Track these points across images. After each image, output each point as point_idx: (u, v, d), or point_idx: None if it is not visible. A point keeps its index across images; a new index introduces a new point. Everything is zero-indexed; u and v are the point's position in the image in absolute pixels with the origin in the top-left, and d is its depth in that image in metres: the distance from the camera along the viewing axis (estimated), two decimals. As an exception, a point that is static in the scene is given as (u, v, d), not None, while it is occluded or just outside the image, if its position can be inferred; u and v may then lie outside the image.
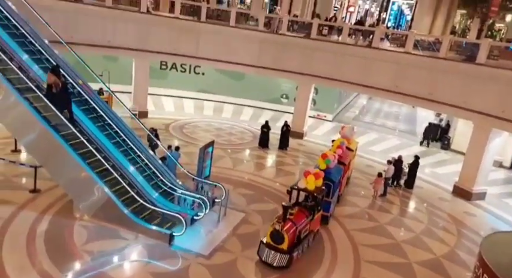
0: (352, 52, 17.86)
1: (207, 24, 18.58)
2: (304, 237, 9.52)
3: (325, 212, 10.89)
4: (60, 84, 9.66)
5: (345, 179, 13.24)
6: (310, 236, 9.87)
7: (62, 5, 15.68)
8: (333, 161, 11.22)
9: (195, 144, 15.78)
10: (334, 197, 11.40)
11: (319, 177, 9.98)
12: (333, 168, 11.31)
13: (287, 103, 23.87)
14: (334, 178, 11.01)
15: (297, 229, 9.19)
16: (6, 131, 11.60)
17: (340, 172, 11.75)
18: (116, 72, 19.08)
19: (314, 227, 10.09)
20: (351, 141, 14.17)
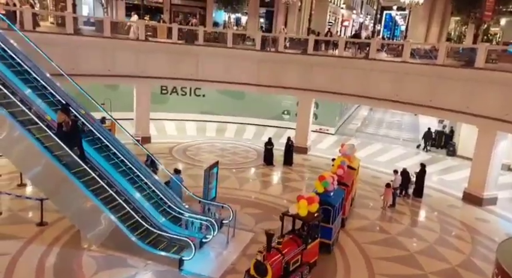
0: (350, 65, 18.05)
1: (205, 47, 18.92)
2: (295, 269, 8.66)
3: (326, 240, 9.97)
4: (70, 122, 9.81)
5: (349, 201, 12.18)
6: (304, 269, 8.95)
7: (62, 39, 16.06)
8: (332, 183, 10.34)
9: (200, 166, 15.77)
10: (336, 222, 10.41)
11: (313, 202, 9.14)
12: (333, 190, 10.46)
13: (289, 119, 23.95)
14: (334, 202, 10.04)
15: (284, 259, 8.36)
16: (12, 166, 11.75)
17: (342, 195, 10.85)
18: (118, 99, 19.32)
19: (309, 258, 9.14)
20: (352, 158, 13.30)
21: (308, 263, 9.10)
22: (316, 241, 9.38)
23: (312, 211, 9.08)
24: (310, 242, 9.05)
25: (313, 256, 9.35)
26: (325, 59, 18.96)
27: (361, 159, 14.86)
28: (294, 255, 8.63)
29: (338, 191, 10.76)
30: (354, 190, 13.21)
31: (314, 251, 9.37)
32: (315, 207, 9.16)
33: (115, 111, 17.05)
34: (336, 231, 10.67)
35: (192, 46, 18.98)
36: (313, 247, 9.26)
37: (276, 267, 8.18)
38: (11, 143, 9.82)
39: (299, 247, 8.79)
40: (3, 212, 10.95)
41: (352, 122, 29.36)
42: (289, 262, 8.49)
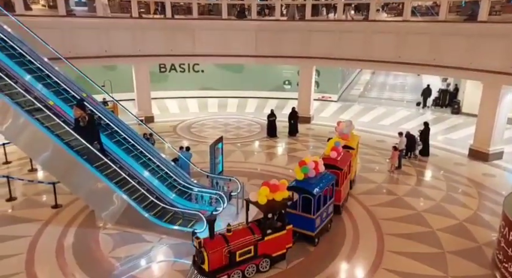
0: (349, 28, 17.62)
1: (200, 21, 18.53)
2: (245, 260, 7.91)
3: (308, 232, 9.01)
4: (86, 117, 9.85)
5: (345, 185, 10.81)
6: (261, 261, 8.11)
7: (55, 21, 15.80)
8: (314, 168, 9.16)
9: (205, 142, 15.87)
10: (320, 212, 9.10)
11: (278, 190, 8.13)
12: (317, 176, 9.26)
13: (290, 89, 23.75)
14: (315, 191, 8.75)
15: (228, 249, 7.70)
16: (21, 152, 11.95)
17: (330, 181, 9.44)
18: (117, 80, 19.23)
19: (269, 250, 8.18)
20: (349, 137, 12.03)
21: (268, 255, 8.20)
22: (282, 233, 8.29)
23: (276, 199, 8.11)
24: (269, 233, 8.12)
25: (276, 248, 8.29)
26: (324, 24, 18.50)
27: (360, 136, 13.48)
28: (243, 245, 7.85)
29: (325, 177, 9.43)
30: (352, 171, 11.83)
31: (278, 243, 8.29)
32: (280, 195, 8.15)
33: (116, 92, 17.03)
34: (325, 221, 9.47)
35: (187, 21, 18.58)
36: (276, 239, 8.23)
37: (216, 255, 7.58)
38: (18, 130, 9.91)
39: (252, 237, 7.96)
40: (17, 197, 11.24)
41: (355, 88, 29.06)
42: (234, 251, 7.75)
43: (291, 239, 8.57)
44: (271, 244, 8.21)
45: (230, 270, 7.77)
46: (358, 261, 8.83)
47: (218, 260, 7.65)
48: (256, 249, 8.04)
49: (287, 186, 8.52)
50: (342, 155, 10.64)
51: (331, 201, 9.74)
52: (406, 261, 8.81)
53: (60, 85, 11.46)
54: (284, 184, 8.38)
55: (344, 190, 10.69)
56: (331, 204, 9.84)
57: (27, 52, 11.49)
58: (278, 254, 8.39)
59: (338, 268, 8.59)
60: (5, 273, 7.99)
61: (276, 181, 8.35)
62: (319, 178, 9.26)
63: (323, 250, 9.18)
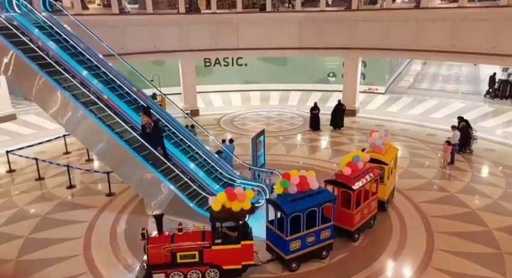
0: (399, 17, 16.80)
1: (244, 14, 18.63)
2: (188, 264, 7.59)
3: (280, 252, 8.10)
4: (152, 123, 10.33)
5: (361, 210, 8.92)
6: (207, 270, 7.64)
7: (109, 19, 16.69)
8: (295, 184, 7.99)
9: (247, 135, 16.01)
10: (303, 235, 7.96)
11: (235, 199, 7.49)
12: (309, 193, 8.07)
13: (335, 81, 23.21)
14: (288, 209, 7.69)
15: (170, 248, 7.52)
16: (79, 143, 12.84)
17: (321, 201, 8.02)
18: (165, 75, 19.94)
19: (219, 261, 7.65)
20: (382, 151, 10.11)
21: (217, 266, 7.66)
22: (235, 246, 7.65)
23: (233, 209, 7.54)
24: (218, 243, 7.63)
25: (228, 261, 7.68)
26: (371, 13, 17.79)
27: (399, 149, 11.64)
28: (187, 249, 7.57)
29: (319, 195, 8.14)
30: (384, 191, 9.94)
31: (231, 256, 7.66)
32: (237, 206, 7.53)
33: (163, 86, 17.67)
34: (312, 246, 8.16)
35: (231, 15, 18.77)
36: (227, 251, 7.62)
37: (155, 251, 7.49)
38: (76, 123, 10.60)
39: (199, 243, 7.60)
40: (76, 185, 12.09)
41: (404, 79, 27.76)
42: (175, 252, 7.54)
43: (251, 257, 7.80)
44: (221, 255, 7.64)
45: (170, 269, 7.58)
46: (406, 259, 8.48)
47: (157, 256, 7.53)
48: (201, 256, 7.63)
49: (266, 198, 8.26)
50: (362, 172, 8.98)
51: (327, 225, 8.23)
52: (458, 261, 8.33)
53: (114, 80, 12.09)
54: (244, 195, 7.60)
55: (359, 215, 8.92)
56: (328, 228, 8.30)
57: (84, 49, 12.24)
58: (230, 268, 7.71)
59: (383, 265, 8.32)
60: (65, 255, 8.66)
61: (241, 190, 7.73)
62: (307, 195, 8.00)
63: (368, 246, 8.93)
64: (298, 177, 8.01)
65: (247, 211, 7.68)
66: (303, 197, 7.97)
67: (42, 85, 10.49)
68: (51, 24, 12.35)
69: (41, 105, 11.16)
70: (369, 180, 8.99)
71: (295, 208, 7.75)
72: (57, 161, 13.10)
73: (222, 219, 7.62)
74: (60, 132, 14.22)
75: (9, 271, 8.15)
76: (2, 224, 9.94)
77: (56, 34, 12.22)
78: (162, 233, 7.72)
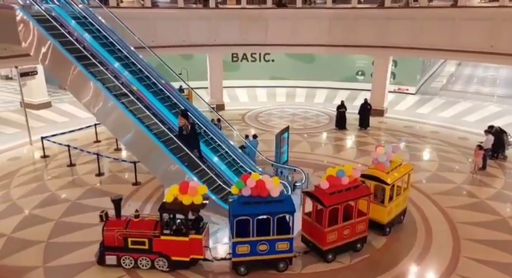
0: (433, 15, 16.25)
1: (273, 10, 18.56)
2: (138, 250, 7.82)
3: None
4: (189, 126, 10.54)
5: (338, 230, 8.13)
6: (156, 258, 7.83)
7: (142, 13, 17.09)
8: (251, 187, 7.67)
9: (271, 131, 15.98)
10: (258, 240, 7.69)
11: (185, 192, 7.54)
12: (270, 198, 7.66)
13: (363, 80, 22.77)
14: (235, 211, 7.62)
15: (123, 233, 7.77)
16: (109, 133, 13.24)
17: (278, 210, 7.60)
18: (193, 69, 20.21)
19: (168, 251, 7.78)
20: (385, 168, 8.88)
21: (166, 256, 7.82)
22: (183, 238, 7.73)
23: (184, 202, 7.59)
24: (166, 234, 7.76)
25: (176, 252, 7.78)
26: (405, 11, 17.27)
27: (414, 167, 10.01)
28: (138, 235, 7.79)
29: (279, 203, 7.72)
30: (385, 215, 8.89)
31: (179, 248, 7.78)
32: (188, 199, 7.57)
33: (191, 80, 17.92)
34: (263, 254, 7.78)
35: (261, 10, 18.74)
36: (175, 242, 7.73)
37: (109, 234, 7.82)
38: (106, 112, 10.94)
39: (149, 232, 7.77)
40: (105, 173, 12.51)
41: (436, 79, 26.86)
42: (127, 237, 7.79)
43: (200, 251, 7.85)
44: (170, 245, 7.76)
45: (121, 253, 7.89)
46: (430, 264, 8.24)
47: (111, 239, 7.87)
48: (151, 244, 7.81)
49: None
50: (345, 188, 8.16)
51: (284, 236, 7.76)
52: (485, 270, 8.02)
53: (143, 72, 12.38)
54: (195, 190, 7.56)
55: (335, 234, 8.12)
56: (286, 241, 7.82)
57: (117, 41, 12.58)
58: (179, 259, 7.82)
59: (406, 269, 8.12)
60: (91, 239, 8.95)
61: (195, 184, 7.79)
62: (264, 202, 7.65)
63: (390, 250, 8.74)
64: (255, 181, 7.68)
65: (199, 205, 7.74)
66: (259, 202, 7.67)
67: (77, 75, 10.88)
68: (87, 15, 12.77)
69: (74, 94, 11.59)
70: (351, 198, 8.11)
71: (243, 212, 7.56)
72: (88, 149, 13.59)
73: (170, 211, 7.75)
74: (91, 121, 14.72)
75: (41, 253, 8.54)
76: (35, 207, 10.43)
77: (90, 25, 12.63)
78: (120, 218, 8.04)
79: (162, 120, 11.33)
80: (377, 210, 8.82)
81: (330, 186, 8.10)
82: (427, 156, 14.28)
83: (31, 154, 13.98)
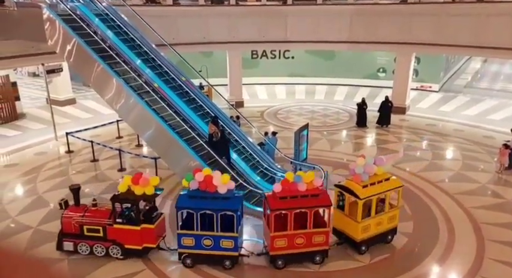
0: (458, 11, 15.78)
1: (293, 6, 18.45)
2: (93, 237, 8.10)
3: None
4: (219, 133, 10.67)
5: (287, 237, 7.79)
6: (113, 248, 8.08)
7: (163, 10, 17.31)
8: (199, 181, 7.73)
9: (290, 128, 15.92)
10: (204, 234, 7.78)
11: (137, 183, 7.75)
12: (220, 195, 7.67)
13: (385, 77, 22.36)
14: (180, 204, 7.73)
15: (79, 221, 8.11)
16: (130, 129, 13.51)
17: (222, 207, 7.59)
18: (213, 66, 20.33)
19: (121, 239, 8.03)
20: (360, 180, 8.06)
21: (119, 244, 8.09)
22: (134, 227, 7.97)
23: (136, 192, 7.78)
24: (119, 222, 8.04)
25: (129, 241, 8.04)
26: (429, 7, 16.83)
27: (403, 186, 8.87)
28: (93, 223, 8.10)
29: (218, 200, 7.69)
30: (359, 231, 8.11)
31: (132, 236, 8.00)
32: (140, 190, 7.77)
33: (211, 77, 18.05)
34: (208, 249, 7.82)
35: (280, 7, 18.67)
36: (128, 231, 7.97)
37: (66, 221, 8.21)
38: (128, 109, 11.18)
39: (104, 220, 8.07)
40: (126, 168, 12.78)
41: (461, 77, 26.11)
42: (82, 224, 8.12)
43: (152, 240, 8.07)
44: (123, 234, 8.02)
45: (77, 240, 8.19)
46: (452, 265, 8.07)
47: (68, 226, 8.20)
48: (105, 232, 8.11)
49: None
50: (302, 195, 7.72)
51: (229, 234, 7.71)
52: (511, 272, 7.77)
53: (164, 69, 12.56)
54: (147, 181, 7.78)
55: (285, 241, 7.79)
56: (231, 239, 7.77)
57: (139, 38, 12.80)
58: (132, 247, 8.06)
59: (427, 269, 7.97)
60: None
61: (147, 176, 8.04)
62: (211, 197, 7.69)
63: (411, 250, 8.59)
64: (203, 176, 7.73)
65: (151, 196, 7.99)
66: (205, 197, 7.73)
67: (100, 73, 11.14)
68: (110, 13, 13.04)
69: (97, 91, 11.88)
70: (306, 206, 7.66)
71: (186, 205, 7.72)
72: (110, 145, 13.89)
73: (121, 200, 8.01)
74: (113, 118, 15.06)
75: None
76: (61, 201, 10.76)
77: (113, 23, 12.89)
78: (79, 206, 8.38)
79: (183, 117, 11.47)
80: (350, 225, 8.23)
81: (283, 190, 7.78)
82: (450, 154, 13.93)
83: (56, 150, 14.44)
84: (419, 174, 12.09)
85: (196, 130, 11.48)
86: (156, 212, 8.43)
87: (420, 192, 10.99)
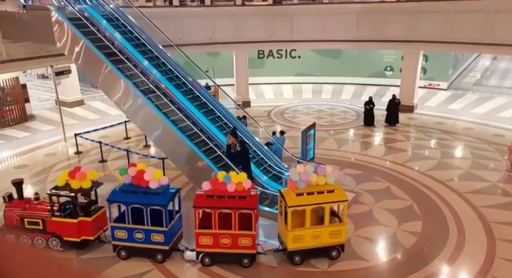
0: (466, 8, 15.57)
1: (299, 6, 18.41)
2: (33, 230, 8.39)
3: None
4: (237, 144, 10.64)
5: (219, 237, 7.83)
6: (53, 240, 8.40)
7: (169, 11, 17.39)
8: (132, 175, 7.92)
9: (297, 127, 15.89)
10: (134, 227, 7.96)
11: (74, 177, 8.04)
12: (152, 190, 7.83)
13: (392, 75, 22.20)
14: (111, 197, 7.99)
15: (19, 214, 8.37)
16: (138, 130, 13.60)
17: (150, 201, 7.77)
18: (219, 66, 20.39)
19: (60, 232, 8.31)
20: (295, 188, 7.85)
21: (58, 237, 8.41)
22: (71, 220, 8.28)
23: (72, 186, 8.09)
24: (58, 216, 8.33)
25: (68, 233, 8.32)
26: (435, 4, 16.66)
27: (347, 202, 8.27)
28: (33, 216, 8.40)
29: (149, 195, 7.87)
30: (289, 240, 7.79)
31: (70, 229, 8.32)
32: (76, 184, 8.10)
33: (217, 77, 18.10)
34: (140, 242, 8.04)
35: (286, 6, 18.64)
36: (66, 224, 8.31)
37: (9, 214, 8.45)
38: (136, 110, 11.27)
39: (43, 213, 8.35)
40: (134, 169, 12.89)
41: (470, 74, 25.82)
42: (23, 217, 8.42)
43: (90, 233, 8.36)
44: (61, 226, 8.33)
45: (19, 233, 8.42)
46: (462, 265, 7.98)
47: (11, 219, 8.47)
48: (44, 225, 8.37)
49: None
50: (229, 196, 7.73)
51: (158, 228, 7.90)
52: (523, 273, 7.67)
53: (169, 67, 12.63)
54: (84, 175, 8.08)
55: (210, 239, 7.85)
56: (161, 233, 7.96)
57: (146, 40, 12.89)
58: (70, 240, 8.39)
59: (437, 269, 7.89)
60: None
61: (85, 170, 8.34)
62: (143, 192, 7.90)
63: (421, 248, 8.52)
64: (136, 170, 7.95)
65: (85, 190, 8.28)
66: (136, 191, 7.96)
67: (108, 74, 11.24)
68: (117, 15, 13.15)
69: (105, 92, 11.97)
70: (230, 207, 7.68)
71: (117, 198, 8.01)
72: (118, 145, 14.01)
73: (58, 194, 8.28)
74: (121, 118, 15.18)
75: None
76: (70, 200, 10.87)
77: (121, 25, 13.00)
78: (22, 199, 8.60)
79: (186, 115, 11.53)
80: (284, 233, 7.97)
81: (211, 189, 7.86)
82: (460, 153, 13.79)
83: (65, 150, 14.60)
84: (428, 172, 11.98)
85: (206, 133, 11.53)
86: (95, 206, 8.70)
87: (429, 191, 10.89)
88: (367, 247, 8.64)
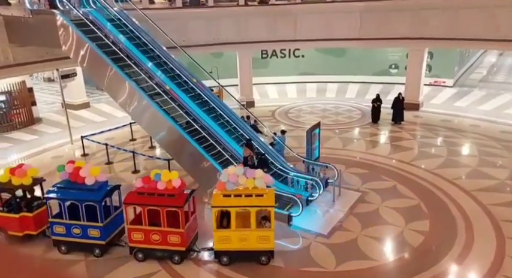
0: (471, 4, 15.42)
1: (302, 5, 18.37)
2: None
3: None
4: (254, 156, 10.64)
5: (135, 230, 8.14)
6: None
7: (173, 13, 17.45)
8: (69, 172, 8.38)
9: (302, 127, 15.86)
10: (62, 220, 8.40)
11: (14, 174, 8.51)
12: (81, 185, 8.26)
13: (397, 73, 22.06)
14: (48, 193, 8.45)
15: None
16: (143, 131, 13.68)
17: (85, 197, 8.17)
18: (223, 67, 20.39)
19: (3, 225, 8.84)
20: (222, 189, 8.03)
21: (3, 230, 8.84)
22: (13, 215, 8.71)
23: (13, 182, 8.54)
24: (1, 210, 8.79)
25: (11, 227, 8.76)
26: (440, 2, 16.52)
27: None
28: None
29: (83, 191, 8.25)
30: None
31: (12, 223, 8.75)
32: (17, 180, 8.54)
33: (221, 78, 18.10)
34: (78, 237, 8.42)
35: (289, 6, 18.61)
36: (8, 219, 8.74)
37: None
38: (141, 111, 11.32)
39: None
40: (140, 170, 12.92)
41: (476, 71, 25.56)
42: None
43: (31, 228, 8.75)
44: (5, 221, 8.77)
45: None
46: (471, 264, 7.91)
47: None
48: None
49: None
50: (158, 194, 7.93)
51: (94, 223, 8.25)
52: (533, 272, 7.59)
53: (175, 71, 12.66)
54: (24, 172, 8.48)
55: (142, 234, 8.09)
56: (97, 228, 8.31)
57: (150, 41, 12.93)
58: (14, 234, 8.73)
59: (445, 268, 7.83)
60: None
61: (26, 167, 8.70)
62: (78, 188, 8.28)
63: (429, 248, 8.45)
64: (72, 167, 8.36)
65: (26, 186, 8.72)
66: (72, 188, 8.36)
67: (113, 77, 11.30)
68: (121, 17, 13.21)
69: (111, 94, 12.03)
70: (157, 204, 7.88)
71: (53, 195, 8.35)
72: (124, 147, 14.08)
73: (4, 190, 8.67)
74: (127, 120, 15.24)
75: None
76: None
77: (125, 27, 13.06)
78: None
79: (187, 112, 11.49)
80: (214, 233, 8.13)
81: (143, 186, 8.07)
82: (467, 150, 13.67)
83: (72, 153, 14.70)
84: (435, 171, 11.89)
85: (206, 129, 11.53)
86: (38, 202, 8.99)
87: (436, 189, 10.81)
88: (375, 247, 8.60)
